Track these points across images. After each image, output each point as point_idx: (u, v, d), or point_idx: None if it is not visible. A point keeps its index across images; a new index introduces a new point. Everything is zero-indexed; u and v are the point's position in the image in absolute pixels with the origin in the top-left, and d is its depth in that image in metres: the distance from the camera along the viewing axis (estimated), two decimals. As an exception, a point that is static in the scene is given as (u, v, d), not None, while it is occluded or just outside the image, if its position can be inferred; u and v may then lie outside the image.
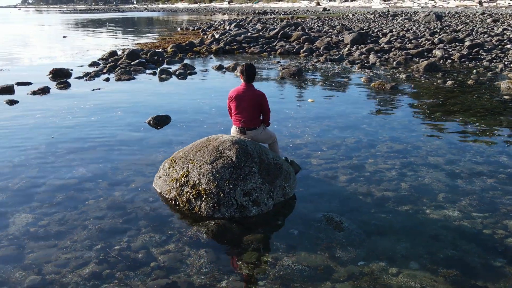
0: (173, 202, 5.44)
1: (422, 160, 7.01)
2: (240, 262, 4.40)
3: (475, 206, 5.50)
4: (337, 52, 20.44)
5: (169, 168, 5.67)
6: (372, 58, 18.13)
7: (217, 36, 27.39)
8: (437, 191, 5.94)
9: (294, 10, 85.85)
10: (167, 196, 5.54)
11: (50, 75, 14.76)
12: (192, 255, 4.51)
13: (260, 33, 27.48)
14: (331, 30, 31.36)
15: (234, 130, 5.86)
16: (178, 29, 40.37)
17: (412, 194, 5.86)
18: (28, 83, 13.49)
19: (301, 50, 20.70)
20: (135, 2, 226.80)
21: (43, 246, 4.65)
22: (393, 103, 10.83)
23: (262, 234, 4.88)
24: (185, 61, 18.51)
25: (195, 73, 15.62)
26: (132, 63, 16.69)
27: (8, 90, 12.35)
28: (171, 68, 16.42)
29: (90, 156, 7.21)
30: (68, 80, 14.08)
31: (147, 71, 15.92)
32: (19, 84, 13.39)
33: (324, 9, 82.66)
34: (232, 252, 4.60)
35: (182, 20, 60.33)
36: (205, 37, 28.57)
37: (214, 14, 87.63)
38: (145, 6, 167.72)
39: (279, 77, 14.50)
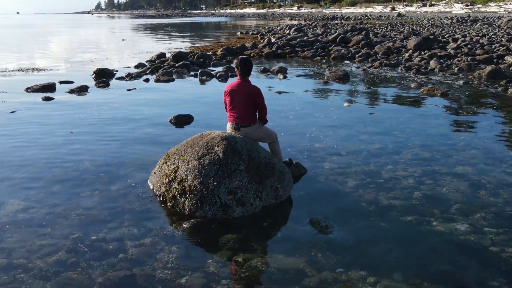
0: (161, 198, 5.55)
1: (447, 169, 6.66)
2: (210, 260, 4.41)
3: (489, 220, 5.14)
4: (396, 58, 19.89)
5: (163, 164, 5.80)
6: (432, 63, 17.45)
7: (273, 40, 27.63)
8: (453, 201, 5.62)
9: (366, 16, 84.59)
10: (157, 192, 5.67)
11: (94, 75, 15.59)
12: (164, 250, 4.58)
13: (318, 38, 27.39)
14: (398, 36, 30.62)
15: (228, 126, 5.89)
16: (238, 33, 41.12)
17: (423, 204, 5.58)
18: (70, 82, 14.37)
19: (357, 55, 20.37)
20: (204, 8, 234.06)
21: (23, 232, 4.92)
22: (437, 110, 10.35)
23: (242, 234, 4.86)
24: (232, 64, 18.80)
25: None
26: (176, 65, 17.25)
27: (50, 87, 13.22)
28: (214, 70, 16.77)
29: (101, 151, 7.54)
30: (109, 80, 14.85)
31: (191, 73, 16.36)
32: (62, 82, 14.31)
33: (399, 15, 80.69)
34: (205, 250, 4.62)
35: (247, 25, 61.34)
36: (262, 41, 28.86)
37: (281, 19, 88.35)
38: (212, 11, 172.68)
39: (323, 81, 14.35)
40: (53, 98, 11.87)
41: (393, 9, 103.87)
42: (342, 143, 7.89)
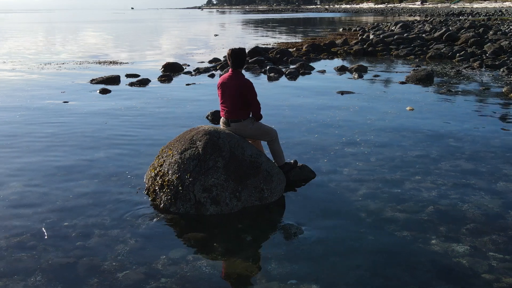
0: (147, 191, 5.82)
1: (485, 184, 6.16)
2: (163, 257, 4.54)
3: (499, 245, 4.69)
4: (506, 58, 18.47)
5: (156, 157, 6.06)
6: (547, 65, 15.97)
7: (371, 36, 27.05)
8: (469, 220, 5.19)
9: (500, 11, 79.08)
10: (146, 185, 5.94)
11: (163, 69, 16.50)
12: (124, 242, 4.80)
13: (422, 35, 26.25)
14: (524, 33, 28.31)
15: (221, 121, 5.98)
16: (340, 29, 40.79)
17: (431, 219, 5.23)
18: (136, 75, 15.36)
19: (458, 54, 19.24)
20: (318, 3, 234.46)
21: (5, 212, 5.45)
22: (517, 118, 9.51)
23: (208, 234, 4.95)
24: (313, 61, 18.83)
25: (309, 73, 15.80)
26: (249, 61, 17.62)
27: (113, 80, 14.29)
28: (289, 67, 16.85)
29: (122, 143, 8.03)
30: (177, 74, 15.70)
31: (262, 69, 16.61)
32: (128, 75, 15.36)
33: (542, 10, 74.23)
34: (163, 246, 4.74)
35: (358, 21, 60.42)
36: (360, 37, 28.35)
37: (400, 15, 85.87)
38: (326, 6, 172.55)
39: (399, 82, 13.81)
40: (110, 91, 12.82)
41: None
42: (378, 149, 7.60)
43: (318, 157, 7.27)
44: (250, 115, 5.92)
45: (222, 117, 5.92)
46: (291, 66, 17.16)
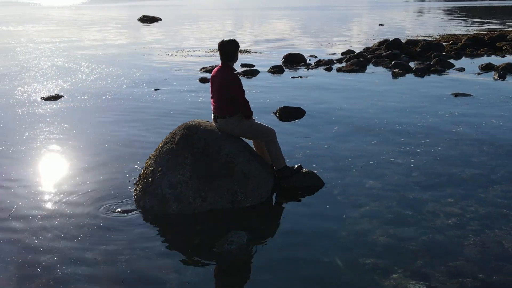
0: (133, 183, 6.25)
1: (531, 216, 5.39)
2: (102, 247, 4.92)
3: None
4: None
5: (156, 148, 6.45)
6: None
7: None
8: (460, 258, 4.64)
9: None
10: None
11: (283, 59, 16.89)
12: (79, 227, 5.32)
13: None
14: None
15: (212, 116, 6.07)
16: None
17: (415, 250, 4.79)
18: (251, 65, 15.94)
19: None
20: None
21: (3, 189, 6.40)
22: None
23: (160, 232, 5.24)
24: (466, 57, 17.60)
25: (443, 71, 14.73)
26: (382, 54, 17.08)
27: (225, 70, 15.09)
28: (426, 63, 15.90)
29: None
30: (293, 66, 15.97)
31: (390, 64, 15.93)
32: (243, 65, 16.07)
33: None
34: (108, 238, 5.08)
35: None
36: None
37: None
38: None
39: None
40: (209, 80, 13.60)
41: None
42: (432, 162, 7.05)
43: (351, 165, 6.97)
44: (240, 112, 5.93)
45: (212, 113, 6.03)
46: (429, 62, 16.17)
